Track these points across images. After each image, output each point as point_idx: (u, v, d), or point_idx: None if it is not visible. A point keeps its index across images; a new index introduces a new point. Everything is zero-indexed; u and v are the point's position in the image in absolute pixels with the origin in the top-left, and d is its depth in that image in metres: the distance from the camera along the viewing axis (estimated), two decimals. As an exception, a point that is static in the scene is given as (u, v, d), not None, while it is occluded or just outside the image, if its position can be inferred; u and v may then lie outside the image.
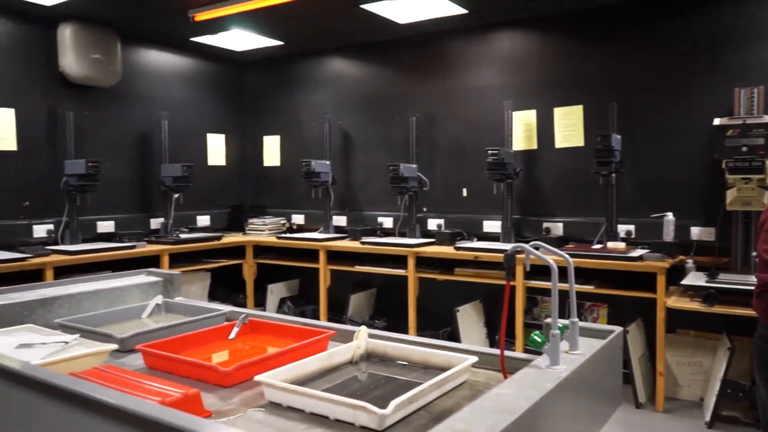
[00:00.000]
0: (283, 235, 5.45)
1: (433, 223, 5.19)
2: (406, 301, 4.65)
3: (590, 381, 1.49)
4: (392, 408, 1.20)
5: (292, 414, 1.32)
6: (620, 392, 1.76)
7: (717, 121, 3.63)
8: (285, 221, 5.99)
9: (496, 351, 1.57)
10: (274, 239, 5.43)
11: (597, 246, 4.21)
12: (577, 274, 1.56)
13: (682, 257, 3.95)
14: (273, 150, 6.27)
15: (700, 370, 3.93)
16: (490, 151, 4.36)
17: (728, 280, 3.44)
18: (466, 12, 4.55)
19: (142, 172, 5.38)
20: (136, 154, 5.37)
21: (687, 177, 4.17)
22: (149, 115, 5.38)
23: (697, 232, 4.11)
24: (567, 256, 1.51)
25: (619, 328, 1.67)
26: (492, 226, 4.85)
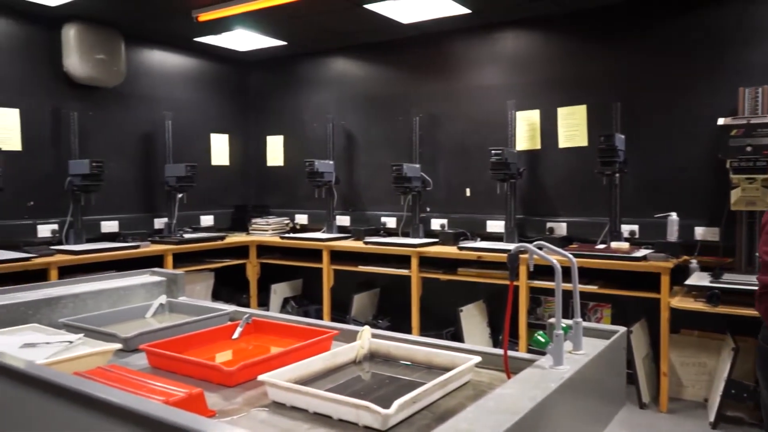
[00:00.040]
0: (287, 235, 5.46)
1: (436, 223, 5.19)
2: (410, 301, 4.65)
3: (594, 381, 1.49)
4: (395, 408, 1.20)
5: (295, 414, 1.32)
6: (624, 392, 1.76)
7: (721, 121, 3.62)
8: (288, 221, 5.99)
9: (499, 351, 1.57)
10: (277, 239, 5.43)
11: (601, 246, 4.20)
12: (581, 274, 1.57)
13: (686, 257, 3.93)
14: (276, 150, 6.27)
15: (704, 371, 3.92)
16: (493, 151, 4.35)
17: (732, 281, 3.43)
18: (469, 12, 4.55)
19: (145, 172, 5.40)
20: (139, 154, 5.38)
21: (691, 177, 4.16)
22: (153, 115, 5.39)
23: (701, 232, 4.10)
24: (570, 256, 1.51)
25: (622, 329, 1.66)
26: (495, 226, 4.85)
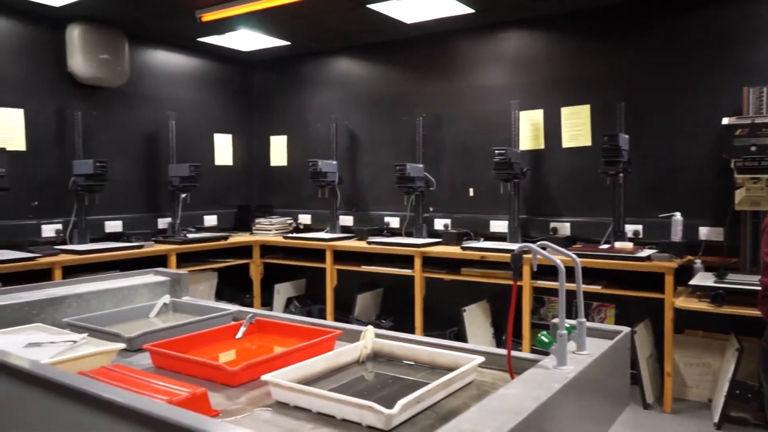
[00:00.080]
0: (290, 235, 5.46)
1: (439, 223, 5.19)
2: (413, 301, 4.64)
3: (598, 381, 1.49)
4: (399, 408, 1.20)
5: (299, 413, 1.32)
6: (628, 393, 1.75)
7: (725, 121, 3.61)
8: (292, 221, 6.00)
9: (503, 351, 1.57)
10: (280, 239, 5.44)
11: (604, 246, 4.19)
12: (585, 275, 1.56)
13: (690, 257, 3.92)
14: (280, 150, 6.28)
15: (708, 371, 3.91)
16: (497, 151, 4.35)
17: (737, 281, 3.42)
18: (472, 12, 4.54)
19: (149, 172, 5.41)
20: (143, 154, 5.39)
21: (695, 177, 4.15)
22: (157, 115, 5.41)
23: (705, 232, 4.09)
24: (574, 256, 1.50)
25: (626, 329, 1.66)
26: (499, 226, 4.84)
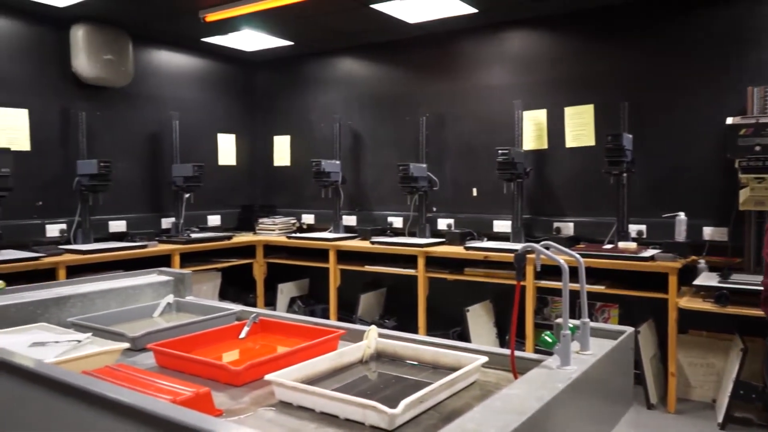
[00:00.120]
0: (293, 235, 5.46)
1: (443, 223, 5.18)
2: (416, 300, 4.64)
3: (601, 382, 1.48)
4: (402, 408, 1.20)
5: (302, 413, 1.32)
6: (631, 393, 1.75)
7: (730, 120, 3.60)
8: (295, 221, 6.00)
9: (506, 351, 1.57)
10: (284, 239, 5.44)
11: (608, 246, 4.19)
12: (588, 275, 1.56)
13: (694, 257, 3.91)
14: (283, 150, 6.28)
15: (712, 371, 3.90)
16: (500, 151, 4.34)
17: (741, 281, 3.41)
18: (475, 11, 4.54)
19: (153, 172, 5.42)
20: (147, 154, 5.40)
21: (699, 176, 4.14)
22: (160, 115, 5.42)
23: (709, 232, 4.08)
24: (578, 256, 1.50)
25: (630, 329, 1.66)
26: (502, 225, 4.84)
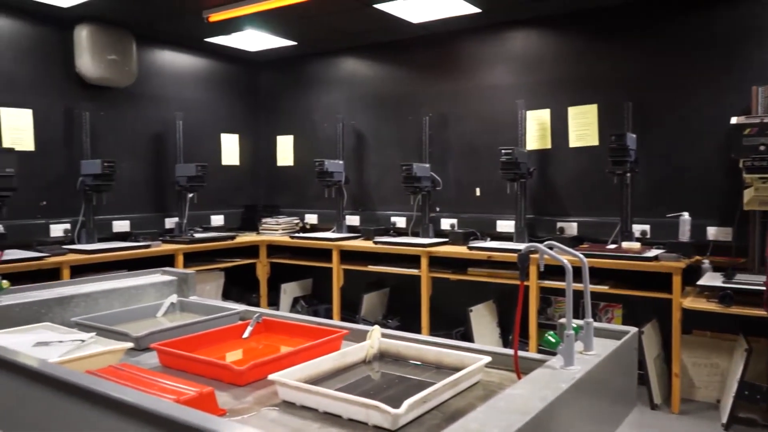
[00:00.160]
0: (297, 235, 5.47)
1: (446, 223, 5.18)
2: (419, 300, 4.64)
3: (605, 382, 1.48)
4: (405, 408, 1.20)
5: (305, 413, 1.32)
6: (635, 393, 1.75)
7: (734, 120, 3.58)
8: (298, 221, 6.00)
9: (509, 351, 1.57)
10: (287, 239, 5.44)
11: (612, 246, 4.18)
12: (592, 275, 1.56)
13: (698, 257, 3.90)
14: (286, 150, 6.29)
15: (716, 372, 3.89)
16: (503, 151, 4.34)
17: (745, 281, 3.39)
18: (479, 11, 4.53)
19: (156, 172, 5.43)
20: (151, 154, 5.41)
21: (703, 176, 4.12)
22: (164, 115, 5.43)
23: (713, 232, 4.06)
24: (581, 256, 1.50)
25: (634, 329, 1.65)
26: (505, 225, 4.84)
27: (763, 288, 3.18)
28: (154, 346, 1.69)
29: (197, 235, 5.14)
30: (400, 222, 5.44)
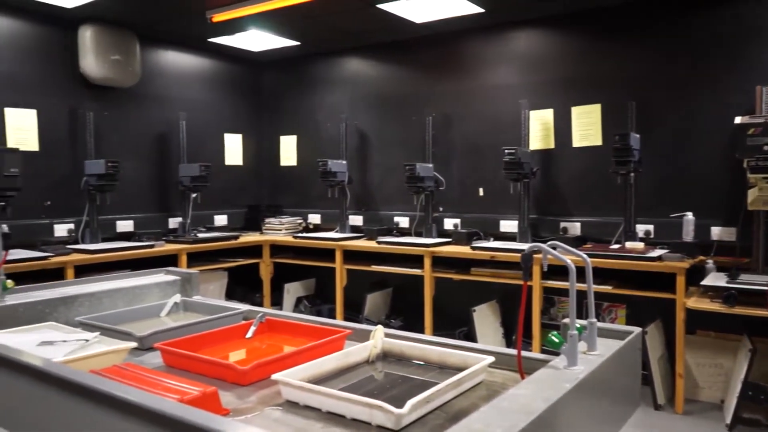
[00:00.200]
0: (300, 235, 5.47)
1: (449, 223, 5.18)
2: (423, 300, 4.64)
3: (608, 382, 1.48)
4: (409, 408, 1.20)
5: (308, 413, 1.33)
6: (639, 394, 1.74)
7: (738, 120, 3.57)
8: (301, 221, 6.01)
9: (513, 351, 1.57)
10: (290, 239, 5.45)
11: (615, 246, 4.17)
12: (595, 275, 1.55)
13: (702, 257, 3.89)
14: (290, 150, 6.29)
15: (720, 372, 3.88)
16: (506, 151, 4.34)
17: (749, 281, 3.38)
18: (482, 11, 4.53)
19: (160, 172, 5.44)
20: (154, 154, 5.42)
21: (707, 176, 4.11)
22: (167, 115, 5.44)
23: (717, 232, 4.05)
24: (585, 256, 1.50)
25: (637, 329, 1.65)
26: (509, 225, 4.83)
27: (767, 288, 3.17)
28: (158, 345, 1.69)
29: (201, 235, 5.15)
30: (403, 222, 5.44)
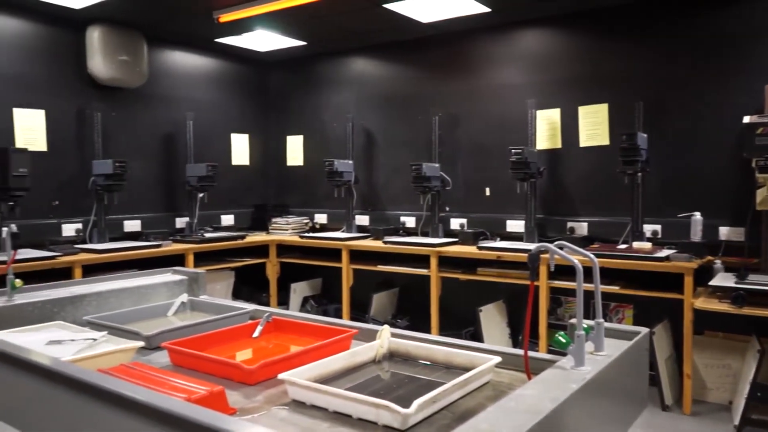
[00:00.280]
0: (306, 235, 5.48)
1: (455, 223, 5.17)
2: (429, 300, 4.64)
3: (616, 383, 1.47)
4: (415, 407, 1.20)
5: (315, 412, 1.33)
6: (646, 394, 1.73)
7: (746, 119, 3.55)
8: (308, 220, 6.02)
9: (519, 351, 1.56)
10: (297, 238, 5.46)
11: (622, 246, 4.15)
12: (603, 275, 1.55)
13: (710, 258, 3.87)
14: (296, 150, 6.30)
15: (728, 373, 3.86)
16: (513, 150, 4.32)
17: (758, 281, 3.37)
18: (489, 11, 4.52)
19: (167, 172, 5.46)
20: (161, 154, 5.44)
21: (715, 176, 4.09)
22: (175, 115, 5.45)
23: (725, 232, 4.03)
24: (592, 256, 1.49)
25: (645, 330, 1.64)
26: (515, 225, 4.82)
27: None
28: (165, 345, 1.70)
29: (207, 235, 5.16)
30: (410, 222, 5.43)
